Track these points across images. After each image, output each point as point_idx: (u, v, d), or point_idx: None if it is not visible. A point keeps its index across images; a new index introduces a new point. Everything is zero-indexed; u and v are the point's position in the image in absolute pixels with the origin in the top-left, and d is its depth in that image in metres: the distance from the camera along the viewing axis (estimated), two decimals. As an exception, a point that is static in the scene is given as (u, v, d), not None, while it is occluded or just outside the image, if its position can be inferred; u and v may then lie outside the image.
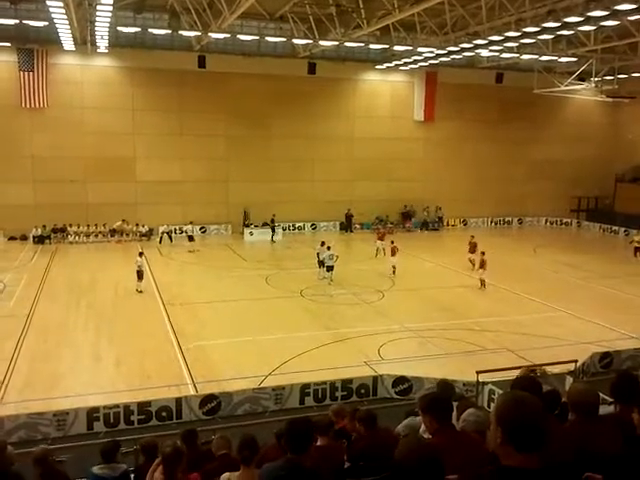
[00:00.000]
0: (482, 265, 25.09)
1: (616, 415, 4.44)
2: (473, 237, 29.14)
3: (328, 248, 25.90)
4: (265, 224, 37.62)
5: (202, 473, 6.03)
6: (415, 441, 3.08)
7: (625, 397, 4.40)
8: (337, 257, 25.77)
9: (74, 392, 14.32)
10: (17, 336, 18.30)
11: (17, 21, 29.89)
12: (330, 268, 25.44)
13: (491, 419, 2.90)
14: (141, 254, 24.91)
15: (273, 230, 37.13)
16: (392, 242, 27.81)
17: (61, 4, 20.96)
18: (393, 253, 27.19)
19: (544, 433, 2.75)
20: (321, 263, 26.35)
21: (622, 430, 3.96)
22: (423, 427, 6.73)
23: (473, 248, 28.10)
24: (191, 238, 34.17)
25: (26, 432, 11.93)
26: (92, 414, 12.50)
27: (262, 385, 14.37)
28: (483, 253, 25.56)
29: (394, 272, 26.87)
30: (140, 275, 23.71)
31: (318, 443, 5.86)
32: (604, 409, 4.63)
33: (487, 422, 5.41)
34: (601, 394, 4.50)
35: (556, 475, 2.83)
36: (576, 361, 14.01)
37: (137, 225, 36.42)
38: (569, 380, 12.80)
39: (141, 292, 23.58)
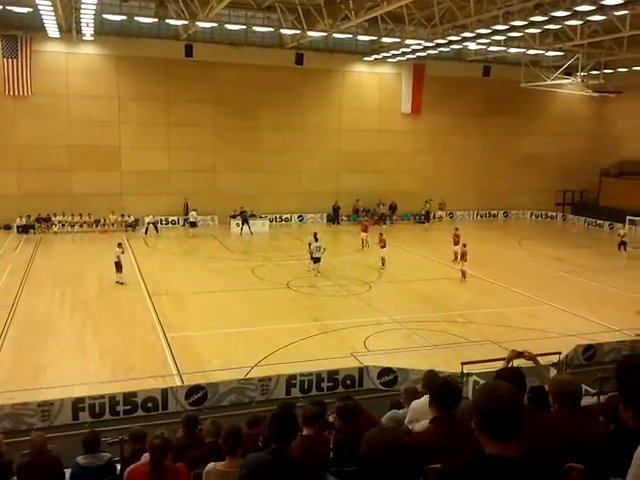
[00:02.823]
0: (463, 257, 25.23)
1: (600, 406, 4.50)
2: (457, 229, 29.27)
3: (316, 240, 25.92)
4: (252, 216, 37.48)
5: (187, 461, 6.03)
6: (380, 434, 3.04)
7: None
8: (324, 249, 25.80)
9: (59, 383, 14.23)
10: (0, 326, 18.15)
11: (0, 7, 29.44)
12: (317, 260, 25.47)
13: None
14: (120, 245, 24.62)
15: (244, 222, 36.36)
16: (381, 234, 27.84)
17: (46, -9, 20.73)
18: (383, 245, 27.18)
19: (517, 421, 2.76)
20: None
21: (607, 421, 4.00)
22: (408, 418, 6.80)
23: (457, 240, 28.24)
24: (193, 224, 35.07)
25: (10, 422, 11.85)
26: (77, 404, 12.44)
27: (248, 376, 14.38)
28: (464, 245, 25.70)
29: (383, 264, 26.92)
30: (118, 266, 23.37)
31: (304, 433, 5.88)
32: (587, 400, 4.69)
33: (466, 412, 5.47)
34: (584, 386, 4.55)
35: (538, 464, 2.85)
36: (560, 353, 14.16)
37: (122, 215, 36.19)
38: (553, 372, 12.94)
39: (122, 284, 23.30)
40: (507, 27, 25.38)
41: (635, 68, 37.48)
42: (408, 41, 32.11)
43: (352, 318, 19.71)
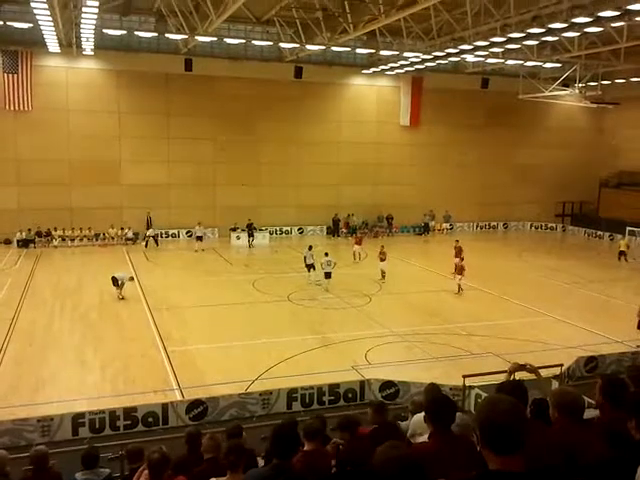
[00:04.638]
0: (460, 271, 25.10)
1: (603, 419, 4.47)
2: (458, 241, 29.21)
3: (326, 254, 25.71)
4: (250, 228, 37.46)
5: (189, 477, 5.99)
6: (392, 448, 3.06)
7: (616, 400, 4.43)
8: (335, 263, 25.62)
9: (59, 397, 14.19)
10: (0, 341, 18.11)
11: (1, 23, 29.65)
12: (328, 275, 25.20)
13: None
14: (132, 279, 24.21)
15: (251, 235, 36.65)
16: (382, 247, 27.78)
17: (46, 6, 20.83)
18: (383, 258, 27.12)
19: (520, 435, 2.73)
20: (309, 267, 26.35)
21: (610, 434, 3.98)
22: (410, 432, 6.77)
23: (458, 253, 28.15)
24: (200, 238, 34.71)
25: (10, 438, 11.77)
26: (77, 420, 12.38)
27: (249, 390, 14.32)
28: (462, 259, 25.58)
29: (384, 277, 26.85)
30: (115, 282, 23.14)
31: (305, 448, 5.84)
32: (589, 413, 4.66)
33: (470, 426, 5.43)
34: (586, 398, 4.52)
35: (541, 479, 2.83)
36: (561, 365, 14.11)
37: (122, 229, 36.21)
38: (555, 384, 12.89)
39: (123, 298, 23.20)
40: (505, 39, 25.51)
41: (633, 79, 37.64)
42: (406, 54, 32.28)
43: (353, 331, 19.67)
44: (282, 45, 32.59)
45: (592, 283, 27.28)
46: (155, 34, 31.11)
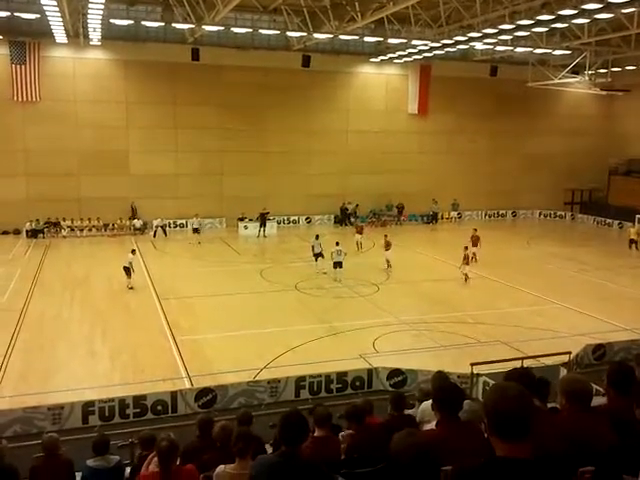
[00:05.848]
0: (466, 259, 25.00)
1: (609, 406, 4.47)
2: (476, 230, 28.94)
3: (337, 243, 25.69)
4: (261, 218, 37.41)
5: (198, 464, 6.05)
6: (409, 435, 3.09)
7: (622, 387, 4.42)
8: (346, 253, 25.57)
9: (69, 386, 14.32)
10: (11, 330, 18.26)
11: (9, 13, 29.66)
12: (338, 264, 24.98)
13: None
14: (134, 251, 24.83)
15: (263, 224, 36.42)
16: (385, 236, 27.74)
17: (53, -4, 20.85)
18: (388, 248, 27.08)
19: (527, 421, 2.74)
20: (317, 256, 26.34)
21: (617, 422, 3.98)
22: (418, 419, 6.80)
23: (475, 241, 28.00)
24: (196, 230, 34.43)
25: (21, 426, 11.91)
26: (87, 408, 12.49)
27: (257, 378, 14.40)
28: (466, 248, 25.49)
29: (389, 266, 26.82)
30: (127, 271, 23.35)
31: (315, 434, 5.88)
32: (597, 400, 4.65)
33: (479, 413, 5.44)
34: (594, 385, 4.52)
35: (549, 466, 2.83)
36: (570, 353, 14.09)
37: (130, 219, 36.31)
38: (563, 372, 12.89)
39: (132, 288, 23.33)
40: (514, 26, 25.27)
41: (643, 66, 37.29)
42: (414, 42, 32.09)
43: (361, 319, 19.70)
44: (289, 34, 32.44)
45: (601, 271, 27.15)
46: (162, 24, 31.00)
